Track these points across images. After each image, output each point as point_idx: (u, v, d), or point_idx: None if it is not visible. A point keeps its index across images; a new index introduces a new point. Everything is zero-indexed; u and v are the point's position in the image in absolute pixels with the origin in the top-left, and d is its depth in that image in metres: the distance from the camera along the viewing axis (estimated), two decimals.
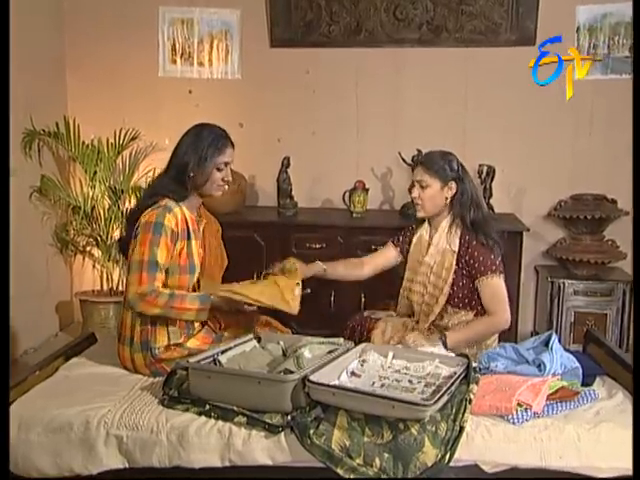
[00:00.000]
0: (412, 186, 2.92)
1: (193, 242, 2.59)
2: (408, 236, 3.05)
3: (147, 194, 2.67)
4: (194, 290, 2.63)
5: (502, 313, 2.74)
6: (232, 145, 2.63)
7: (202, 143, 2.57)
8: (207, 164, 2.57)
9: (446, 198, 2.84)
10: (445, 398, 2.13)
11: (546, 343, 2.47)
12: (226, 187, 2.65)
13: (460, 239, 2.82)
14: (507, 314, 2.75)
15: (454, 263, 2.81)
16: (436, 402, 2.06)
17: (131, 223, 2.61)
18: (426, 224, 2.96)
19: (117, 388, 2.43)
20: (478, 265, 2.76)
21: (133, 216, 2.62)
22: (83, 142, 4.32)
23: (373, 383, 2.30)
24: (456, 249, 2.81)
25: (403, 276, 3.04)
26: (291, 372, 2.23)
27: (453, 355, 2.52)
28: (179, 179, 2.57)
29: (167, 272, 2.52)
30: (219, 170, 2.60)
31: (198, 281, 2.64)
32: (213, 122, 2.68)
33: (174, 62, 4.50)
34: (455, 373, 2.30)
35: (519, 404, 2.20)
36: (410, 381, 2.31)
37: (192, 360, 2.34)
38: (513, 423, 2.18)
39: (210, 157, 2.57)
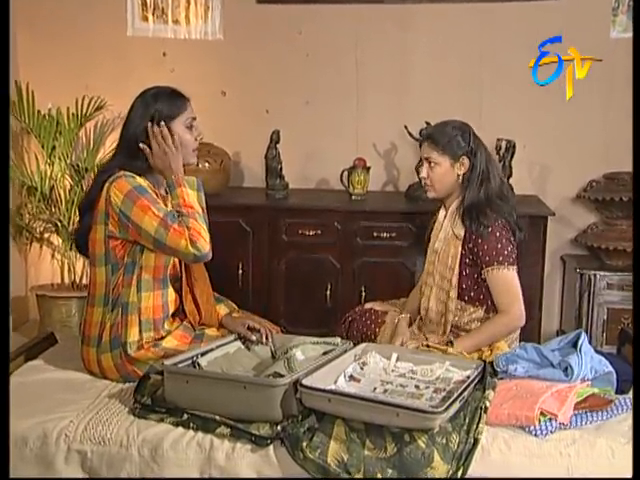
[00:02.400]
0: (420, 164, 2.93)
1: None
2: (430, 225, 3.07)
3: (97, 176, 2.64)
4: (179, 280, 2.64)
5: (514, 310, 2.77)
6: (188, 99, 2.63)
7: (153, 105, 2.54)
8: (172, 126, 2.54)
9: (458, 175, 2.86)
10: (457, 405, 2.14)
11: (574, 344, 2.48)
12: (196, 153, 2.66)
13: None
14: (520, 311, 2.78)
15: (460, 250, 2.83)
16: (447, 409, 2.07)
17: (85, 211, 2.59)
18: (443, 207, 2.97)
19: (80, 396, 2.44)
20: (482, 254, 2.79)
21: (87, 201, 2.59)
22: (39, 112, 4.31)
23: (374, 389, 2.32)
24: (461, 234, 2.83)
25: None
26: (281, 376, 2.24)
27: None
28: (136, 154, 2.53)
29: (141, 250, 2.52)
30: (189, 128, 2.59)
31: (180, 264, 2.65)
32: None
33: (145, 19, 4.48)
34: (468, 377, 2.31)
35: (542, 413, 2.21)
36: (417, 386, 2.32)
37: (168, 362, 2.34)
38: (535, 435, 2.19)
39: (173, 116, 2.55)
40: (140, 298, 2.53)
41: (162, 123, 2.51)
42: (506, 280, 2.78)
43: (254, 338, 2.64)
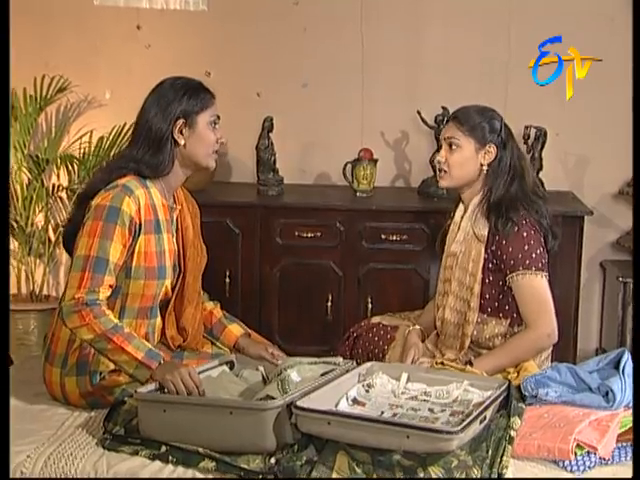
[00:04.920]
0: (437, 151, 2.94)
1: (164, 236, 2.61)
2: (445, 225, 3.08)
3: (108, 168, 2.68)
4: (167, 303, 2.66)
5: (544, 325, 2.78)
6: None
7: (179, 98, 2.58)
8: (196, 120, 2.59)
9: (481, 165, 2.88)
10: (477, 426, 2.15)
11: (616, 364, 2.48)
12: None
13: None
14: (551, 326, 2.79)
15: (482, 253, 2.84)
16: (464, 429, 2.07)
17: (81, 207, 2.62)
18: (461, 204, 2.98)
19: (40, 425, 2.44)
20: (507, 258, 2.80)
21: (85, 197, 2.62)
22: None
23: (382, 413, 2.32)
24: (485, 234, 2.84)
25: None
26: (273, 398, 2.25)
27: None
28: (157, 147, 2.57)
29: (128, 276, 2.54)
30: (212, 127, 2.63)
31: (173, 290, 2.67)
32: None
33: None
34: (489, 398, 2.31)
35: (579, 446, 2.20)
36: (431, 410, 2.33)
37: (141, 390, 2.35)
38: (571, 471, 2.18)
39: (199, 110, 2.60)
40: None
41: None
42: (533, 288, 2.79)
43: (280, 361, 2.66)
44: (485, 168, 2.87)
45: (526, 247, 2.79)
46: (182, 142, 2.59)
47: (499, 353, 2.79)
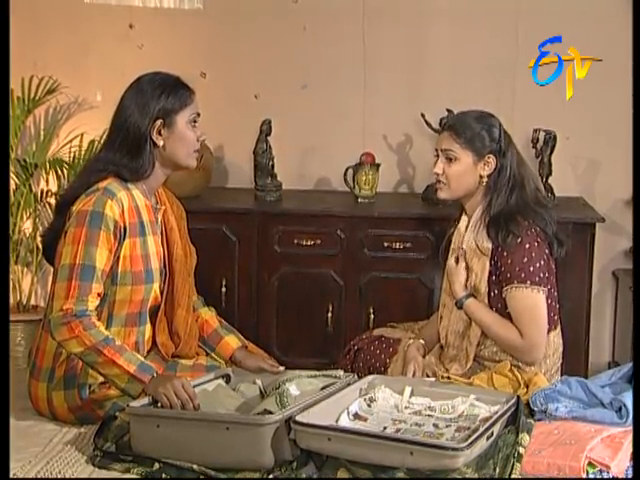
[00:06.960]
0: (437, 157, 2.95)
1: (149, 239, 2.62)
2: (448, 235, 3.10)
3: (86, 172, 2.69)
4: (157, 308, 2.68)
5: (532, 336, 2.80)
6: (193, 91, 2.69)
7: (157, 96, 2.60)
8: (175, 120, 2.61)
9: (480, 177, 2.89)
10: (484, 443, 2.15)
11: (629, 378, 2.49)
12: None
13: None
14: (538, 340, 2.82)
15: (487, 266, 2.86)
16: (471, 446, 2.07)
17: (62, 213, 2.63)
18: (464, 214, 2.99)
19: (26, 442, 2.44)
20: (505, 270, 2.83)
21: (65, 203, 2.63)
22: None
23: (384, 428, 2.33)
24: (489, 246, 2.85)
25: None
26: (271, 413, 2.26)
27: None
28: (135, 150, 2.59)
29: (114, 282, 2.55)
30: (192, 125, 2.65)
31: (162, 294, 2.68)
32: (164, 70, 2.70)
33: None
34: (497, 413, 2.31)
35: (591, 464, 2.20)
36: (435, 425, 2.34)
37: (133, 404, 2.35)
38: None
39: (178, 109, 2.61)
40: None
41: None
42: (525, 301, 2.81)
43: (282, 368, 2.68)
44: (485, 180, 2.88)
45: (525, 259, 2.80)
46: (161, 143, 2.60)
47: (491, 315, 2.84)
